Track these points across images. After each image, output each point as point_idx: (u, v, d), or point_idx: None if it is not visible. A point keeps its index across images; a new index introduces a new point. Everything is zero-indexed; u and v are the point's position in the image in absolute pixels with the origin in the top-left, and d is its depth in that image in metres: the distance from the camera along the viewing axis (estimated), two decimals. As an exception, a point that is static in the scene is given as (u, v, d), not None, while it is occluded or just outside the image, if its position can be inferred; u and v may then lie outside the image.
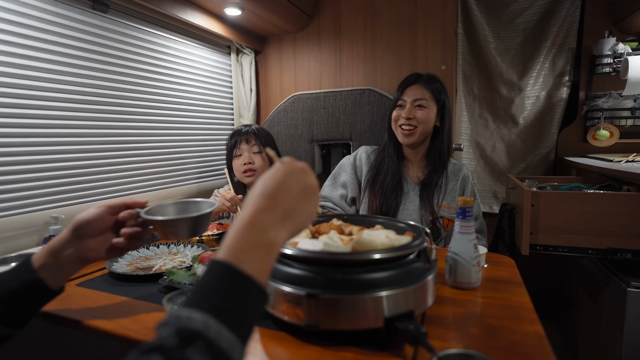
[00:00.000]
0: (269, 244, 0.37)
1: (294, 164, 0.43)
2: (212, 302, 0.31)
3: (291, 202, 0.40)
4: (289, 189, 0.41)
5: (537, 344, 0.48)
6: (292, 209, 0.40)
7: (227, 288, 0.32)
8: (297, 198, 0.41)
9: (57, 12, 0.94)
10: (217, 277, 0.33)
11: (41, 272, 0.48)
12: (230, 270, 0.33)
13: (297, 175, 0.42)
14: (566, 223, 0.96)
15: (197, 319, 0.29)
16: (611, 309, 0.99)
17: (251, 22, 1.46)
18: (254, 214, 0.38)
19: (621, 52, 1.48)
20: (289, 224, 0.40)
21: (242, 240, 0.36)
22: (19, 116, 0.87)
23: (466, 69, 1.74)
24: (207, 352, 0.28)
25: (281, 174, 0.41)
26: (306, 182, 0.43)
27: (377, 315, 0.46)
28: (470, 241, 0.65)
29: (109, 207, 0.54)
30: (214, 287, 0.32)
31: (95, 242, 0.52)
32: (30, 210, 0.90)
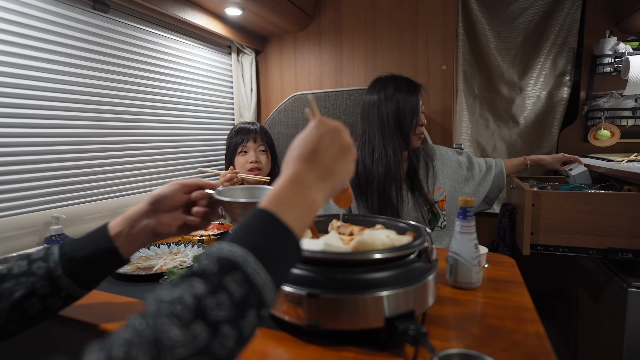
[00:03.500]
0: (310, 202, 0.39)
1: (328, 123, 0.43)
2: (253, 241, 0.33)
3: (329, 163, 0.41)
4: (326, 150, 0.41)
5: (538, 344, 0.48)
6: (331, 170, 0.41)
7: (267, 232, 0.34)
8: (334, 158, 0.42)
9: (57, 12, 0.94)
10: (259, 221, 0.35)
11: (116, 240, 0.50)
12: (272, 217, 0.35)
13: (333, 135, 0.43)
14: (567, 223, 0.96)
15: (237, 252, 0.31)
16: (612, 309, 0.99)
17: (252, 22, 1.46)
18: (295, 173, 0.39)
19: (622, 51, 1.48)
20: (328, 184, 0.41)
21: (284, 194, 0.38)
22: (19, 116, 0.87)
23: (467, 68, 1.74)
24: (244, 283, 0.30)
25: (317, 136, 0.42)
26: (342, 141, 0.43)
27: (377, 315, 0.46)
28: (471, 241, 0.65)
29: (183, 185, 0.56)
30: (255, 228, 0.34)
31: (167, 217, 0.54)
32: (31, 210, 0.90)
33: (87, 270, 0.49)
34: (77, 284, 0.48)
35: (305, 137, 0.42)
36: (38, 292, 0.46)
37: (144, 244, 0.53)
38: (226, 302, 0.29)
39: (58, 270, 0.47)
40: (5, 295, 0.45)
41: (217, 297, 0.29)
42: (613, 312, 0.98)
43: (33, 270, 0.47)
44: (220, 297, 0.29)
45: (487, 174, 1.19)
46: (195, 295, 0.28)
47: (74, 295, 0.49)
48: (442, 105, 1.43)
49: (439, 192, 1.10)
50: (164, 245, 0.91)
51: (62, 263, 0.47)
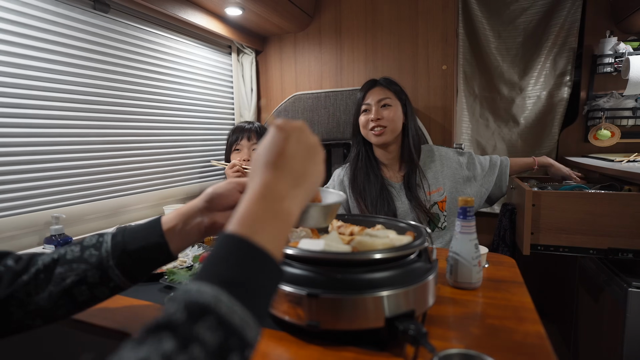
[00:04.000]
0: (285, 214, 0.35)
1: (289, 124, 0.40)
2: (224, 275, 0.29)
3: (299, 167, 0.38)
4: (294, 153, 0.38)
5: (538, 344, 0.48)
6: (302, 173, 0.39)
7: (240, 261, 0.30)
8: (304, 160, 0.39)
9: (58, 12, 0.94)
10: (229, 249, 0.31)
11: (168, 236, 0.49)
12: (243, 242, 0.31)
13: (298, 135, 0.40)
14: (567, 223, 0.96)
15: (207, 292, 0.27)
16: (612, 309, 0.99)
17: (252, 21, 1.46)
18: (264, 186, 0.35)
19: (622, 51, 1.47)
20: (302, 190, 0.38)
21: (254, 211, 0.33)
22: (20, 116, 0.87)
23: (467, 68, 1.73)
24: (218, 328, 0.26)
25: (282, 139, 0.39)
26: (308, 141, 0.41)
27: (378, 315, 0.46)
28: (471, 241, 0.65)
29: (238, 183, 0.54)
30: (226, 259, 0.30)
31: (221, 216, 0.52)
32: (32, 210, 0.90)
33: (137, 264, 0.48)
34: (126, 277, 0.48)
35: (269, 142, 0.39)
36: (89, 280, 0.46)
37: (195, 241, 0.52)
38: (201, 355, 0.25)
39: (110, 261, 0.47)
40: (58, 280, 0.45)
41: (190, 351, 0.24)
42: (613, 312, 0.98)
43: (85, 258, 0.46)
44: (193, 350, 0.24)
45: (490, 174, 1.17)
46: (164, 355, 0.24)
47: (121, 287, 0.49)
48: (442, 105, 1.43)
49: (438, 192, 1.10)
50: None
51: (113, 254, 0.47)
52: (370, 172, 1.10)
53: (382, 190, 1.08)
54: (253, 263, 0.31)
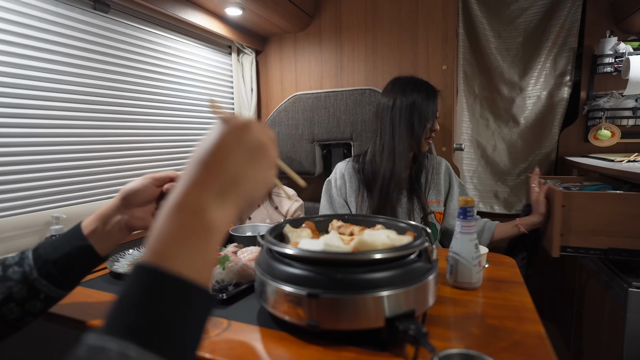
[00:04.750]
0: (205, 229, 0.29)
1: (234, 120, 0.34)
2: (132, 322, 0.24)
3: (233, 170, 0.32)
4: (228, 153, 0.32)
5: (538, 344, 0.48)
6: (235, 178, 0.32)
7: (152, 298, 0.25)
8: (241, 163, 0.33)
9: (57, 12, 0.94)
10: (139, 286, 0.26)
11: (90, 239, 0.49)
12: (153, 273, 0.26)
13: (239, 133, 0.33)
14: (599, 224, 0.93)
15: (112, 349, 0.23)
16: (612, 309, 0.99)
17: (252, 22, 1.46)
18: (182, 193, 0.29)
19: (622, 51, 1.47)
20: (232, 198, 0.32)
21: (168, 231, 0.28)
22: (20, 116, 0.87)
23: (467, 68, 1.73)
24: None
25: (218, 135, 0.33)
26: (252, 140, 0.34)
27: (378, 315, 0.46)
28: (471, 241, 0.65)
29: (154, 178, 0.55)
30: (135, 299, 0.25)
31: (141, 211, 0.54)
32: (32, 210, 0.90)
33: (64, 271, 0.48)
34: (55, 285, 0.48)
35: (206, 138, 0.33)
36: (15, 297, 0.45)
37: (120, 239, 0.52)
38: None
39: (33, 273, 0.46)
40: None
41: None
42: (613, 312, 0.98)
43: (8, 275, 0.46)
44: None
45: None
46: None
47: (53, 296, 0.48)
48: (442, 105, 1.43)
49: (438, 204, 1.11)
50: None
51: (36, 266, 0.47)
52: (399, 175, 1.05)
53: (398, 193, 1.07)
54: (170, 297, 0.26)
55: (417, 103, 1.03)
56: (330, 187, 1.18)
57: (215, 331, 0.53)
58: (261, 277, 0.53)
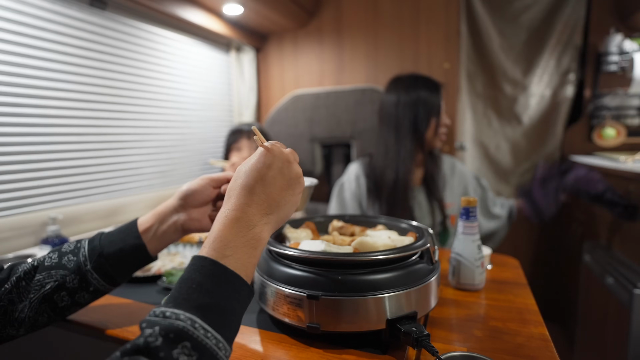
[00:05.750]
0: (255, 240, 0.37)
1: (278, 153, 0.41)
2: (198, 300, 0.31)
3: (275, 196, 0.40)
4: (273, 182, 0.40)
5: (542, 347, 0.48)
6: (277, 203, 0.40)
7: (212, 285, 0.32)
8: (281, 191, 0.40)
9: (54, 9, 0.93)
10: (202, 274, 0.32)
11: (144, 237, 0.50)
12: (216, 266, 0.33)
13: (282, 166, 0.41)
14: None
15: (182, 317, 0.29)
16: (617, 310, 0.98)
17: (251, 19, 1.45)
18: (238, 209, 0.37)
19: (628, 49, 1.46)
20: (274, 218, 0.40)
21: (226, 236, 0.35)
22: (15, 115, 0.87)
23: (470, 67, 1.72)
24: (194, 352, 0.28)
25: (264, 166, 0.40)
26: (290, 173, 0.42)
27: (379, 317, 0.45)
28: (473, 242, 0.64)
29: (212, 179, 0.55)
30: (199, 283, 0.32)
31: (198, 212, 0.54)
32: (28, 211, 0.90)
33: (115, 267, 0.49)
34: (105, 280, 0.48)
35: (251, 166, 0.40)
36: (68, 286, 0.46)
37: (173, 240, 0.53)
38: None
39: (88, 265, 0.47)
40: (37, 287, 0.45)
41: None
42: (618, 314, 0.97)
43: (63, 264, 0.47)
44: None
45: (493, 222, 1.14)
46: None
47: (102, 290, 0.49)
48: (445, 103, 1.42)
49: (451, 207, 1.09)
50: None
51: (90, 258, 0.48)
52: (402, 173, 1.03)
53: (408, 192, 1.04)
54: (226, 286, 0.33)
55: (422, 98, 1.02)
56: (342, 189, 1.15)
57: (213, 333, 0.52)
58: (261, 279, 0.52)
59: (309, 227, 0.64)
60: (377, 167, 1.07)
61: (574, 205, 1.51)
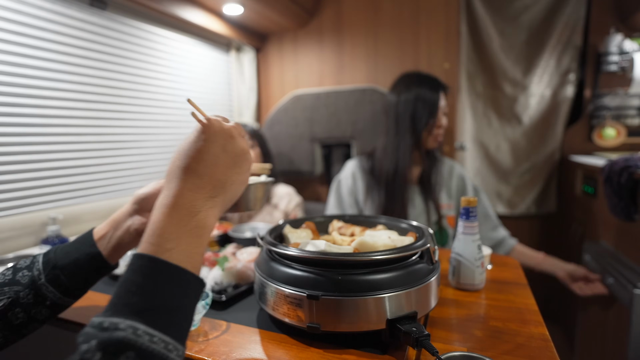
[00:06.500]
0: (200, 227, 0.33)
1: (218, 128, 0.38)
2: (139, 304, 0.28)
3: (220, 176, 0.36)
4: (216, 161, 0.36)
5: (542, 347, 0.48)
6: (222, 183, 0.36)
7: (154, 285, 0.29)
8: (226, 169, 0.37)
9: (54, 9, 0.93)
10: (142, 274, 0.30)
11: (100, 244, 0.48)
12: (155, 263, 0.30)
13: (224, 143, 0.37)
14: None
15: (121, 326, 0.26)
16: (618, 311, 0.98)
17: (251, 19, 1.45)
18: (178, 195, 0.33)
19: (628, 49, 1.46)
20: (220, 200, 0.36)
21: (166, 226, 0.32)
22: (16, 115, 0.87)
23: (470, 66, 1.72)
24: None
25: (205, 144, 0.36)
26: (235, 149, 0.38)
27: (379, 317, 0.45)
28: (474, 242, 0.64)
29: None
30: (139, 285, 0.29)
31: None
32: (28, 211, 0.90)
33: (71, 278, 0.46)
34: (62, 293, 0.46)
35: (190, 146, 0.36)
36: (22, 302, 0.44)
37: (132, 245, 0.51)
38: None
39: (41, 278, 0.45)
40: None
41: None
42: (619, 314, 0.97)
43: (17, 279, 0.45)
44: None
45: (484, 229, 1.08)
46: None
47: (60, 304, 0.47)
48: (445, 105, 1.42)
49: (449, 208, 1.08)
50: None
51: (44, 270, 0.46)
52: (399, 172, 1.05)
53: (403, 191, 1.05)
54: (169, 285, 0.30)
55: (420, 96, 1.03)
56: (340, 186, 1.16)
57: (214, 333, 0.52)
58: (261, 279, 0.52)
59: (309, 227, 0.64)
60: (377, 159, 1.09)
61: (574, 205, 1.51)
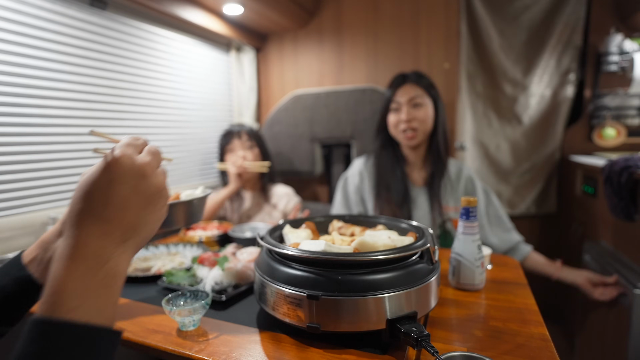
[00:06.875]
0: (111, 276, 0.29)
1: (128, 166, 0.32)
2: None
3: (132, 219, 0.32)
4: (126, 204, 0.31)
5: (542, 347, 0.48)
6: (134, 226, 0.32)
7: (58, 354, 0.25)
8: (140, 211, 0.33)
9: (54, 9, 0.93)
10: (41, 344, 0.25)
11: (30, 267, 0.45)
12: (56, 327, 0.25)
13: (136, 184, 0.32)
14: None
15: None
16: (617, 311, 0.98)
17: (251, 19, 1.45)
18: (81, 244, 0.29)
19: (628, 49, 1.45)
20: (132, 243, 0.32)
21: (70, 282, 0.27)
22: (16, 115, 0.87)
23: (470, 67, 1.72)
24: None
25: (112, 186, 0.31)
26: (149, 188, 0.34)
27: (379, 317, 0.45)
28: (473, 242, 0.64)
29: None
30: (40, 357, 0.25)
31: None
32: (28, 211, 0.90)
33: (4, 305, 0.43)
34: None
35: (93, 187, 0.31)
36: None
37: None
38: None
39: None
40: None
41: None
42: (618, 314, 0.97)
43: None
44: None
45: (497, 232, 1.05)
46: None
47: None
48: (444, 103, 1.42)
49: (455, 211, 1.06)
50: (162, 246, 0.90)
51: None
52: (398, 171, 1.06)
53: (406, 191, 1.04)
54: (77, 349, 0.26)
55: (386, 95, 1.08)
56: (346, 183, 1.16)
57: (214, 333, 0.52)
58: (261, 279, 0.52)
59: (309, 227, 0.64)
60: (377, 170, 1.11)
61: (574, 205, 1.51)
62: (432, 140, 1.07)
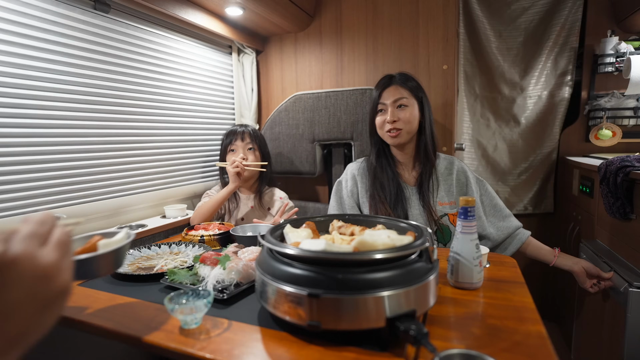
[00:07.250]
0: None
1: (26, 267, 0.27)
2: None
3: (22, 327, 0.27)
4: (17, 311, 0.27)
5: (539, 345, 0.48)
6: (24, 334, 0.27)
7: None
8: (33, 317, 0.28)
9: (58, 12, 0.94)
10: None
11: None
12: None
13: (35, 287, 0.28)
14: None
15: None
16: (613, 308, 0.99)
17: (252, 21, 1.46)
18: None
19: (624, 51, 1.47)
20: (22, 346, 0.28)
21: None
22: (20, 116, 0.87)
23: (468, 68, 1.73)
24: None
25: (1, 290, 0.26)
26: (50, 292, 0.29)
27: (378, 315, 0.46)
28: (472, 241, 0.65)
29: None
30: None
31: None
32: (32, 210, 0.90)
33: None
34: None
35: None
36: None
37: None
38: None
39: None
40: None
41: None
42: (614, 312, 0.98)
43: None
44: None
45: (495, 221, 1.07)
46: None
47: None
48: (442, 104, 1.43)
49: (450, 205, 1.07)
50: (164, 245, 0.91)
51: None
52: (389, 171, 1.08)
53: (399, 191, 1.06)
54: None
55: (373, 96, 1.10)
56: (340, 188, 1.17)
57: (215, 331, 0.53)
58: (262, 277, 0.53)
59: (310, 227, 0.65)
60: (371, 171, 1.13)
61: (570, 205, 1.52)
62: (420, 141, 1.09)
